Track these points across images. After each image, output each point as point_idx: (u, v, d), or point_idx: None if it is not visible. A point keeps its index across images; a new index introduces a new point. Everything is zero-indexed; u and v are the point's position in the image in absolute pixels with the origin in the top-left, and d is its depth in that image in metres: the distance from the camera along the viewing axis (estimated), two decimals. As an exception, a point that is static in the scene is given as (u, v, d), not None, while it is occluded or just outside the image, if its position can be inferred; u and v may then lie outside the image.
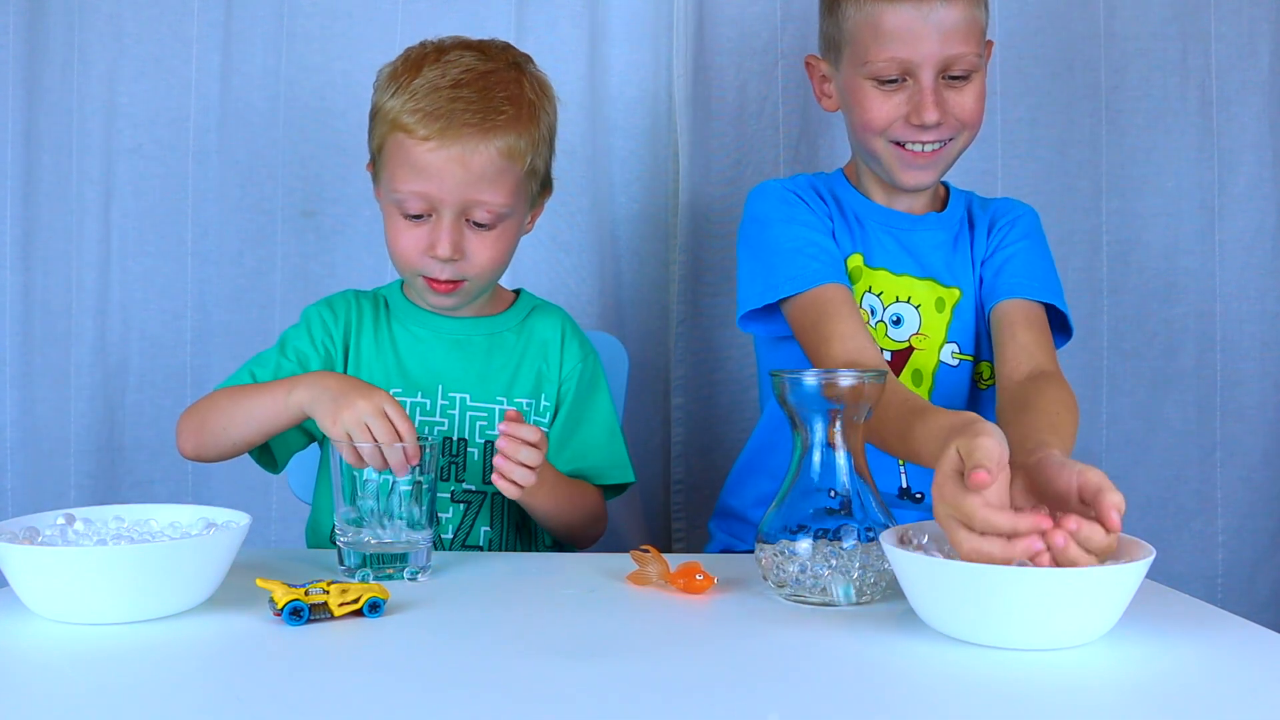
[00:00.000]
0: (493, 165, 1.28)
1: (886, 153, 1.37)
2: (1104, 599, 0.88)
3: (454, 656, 0.89)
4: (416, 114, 1.27)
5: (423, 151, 1.27)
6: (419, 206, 1.30)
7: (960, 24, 1.32)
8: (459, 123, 1.26)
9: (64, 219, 1.83)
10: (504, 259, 1.35)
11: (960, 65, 1.33)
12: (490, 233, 1.31)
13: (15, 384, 1.83)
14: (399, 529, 1.12)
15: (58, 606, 0.97)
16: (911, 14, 1.31)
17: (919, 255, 1.42)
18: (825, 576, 1.01)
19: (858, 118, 1.38)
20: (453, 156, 1.27)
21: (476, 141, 1.27)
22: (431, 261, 1.31)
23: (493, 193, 1.29)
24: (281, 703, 0.80)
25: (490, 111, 1.28)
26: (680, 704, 0.78)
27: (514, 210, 1.32)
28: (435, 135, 1.26)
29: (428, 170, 1.27)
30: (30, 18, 1.82)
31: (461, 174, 1.27)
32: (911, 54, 1.32)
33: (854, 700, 0.80)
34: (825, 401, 1.03)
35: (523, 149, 1.30)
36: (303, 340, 1.38)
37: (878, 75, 1.34)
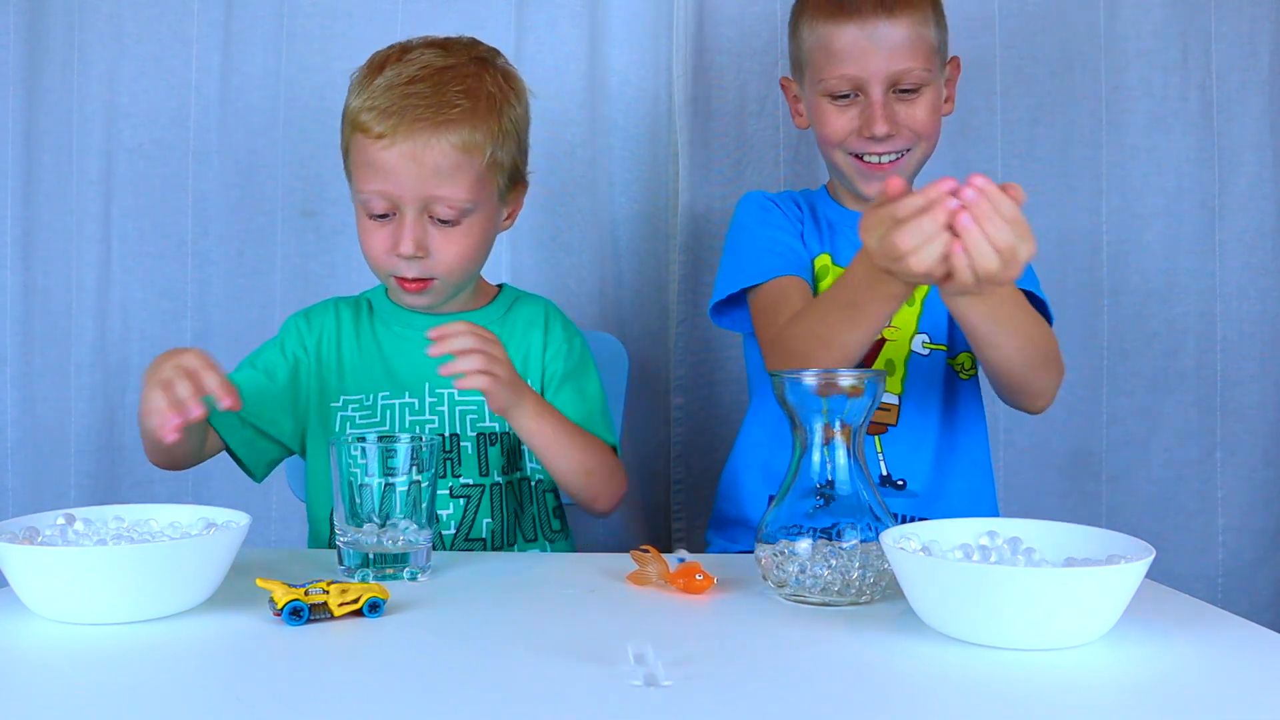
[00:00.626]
0: (448, 160, 1.28)
1: (846, 165, 1.46)
2: (1104, 599, 0.88)
3: (454, 656, 0.89)
4: (372, 112, 1.28)
5: (378, 150, 1.28)
6: (382, 205, 1.30)
7: (905, 41, 1.40)
8: (410, 118, 1.27)
9: (64, 219, 1.84)
10: (473, 254, 1.34)
11: (908, 79, 1.41)
12: (455, 229, 1.31)
13: (15, 384, 1.83)
14: (399, 529, 1.12)
15: (58, 606, 0.97)
16: (857, 33, 1.40)
17: None
18: (825, 576, 1.01)
19: (818, 132, 1.47)
20: (406, 153, 1.27)
21: (429, 136, 1.27)
22: (399, 260, 1.31)
23: (451, 188, 1.28)
24: (281, 703, 0.80)
25: (443, 106, 1.28)
26: (680, 704, 0.78)
27: (478, 205, 1.31)
28: (389, 132, 1.27)
29: (384, 168, 1.28)
30: (30, 18, 1.82)
31: (416, 170, 1.27)
32: (860, 71, 1.41)
33: (854, 700, 0.80)
34: (824, 400, 1.03)
35: (480, 142, 1.29)
36: (274, 350, 1.40)
37: (831, 91, 1.43)
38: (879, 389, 1.04)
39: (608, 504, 1.37)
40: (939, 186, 1.02)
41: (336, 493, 1.13)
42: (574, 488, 1.34)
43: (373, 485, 1.13)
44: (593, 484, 1.33)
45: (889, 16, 1.40)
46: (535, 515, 1.39)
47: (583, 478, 1.32)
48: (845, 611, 1.00)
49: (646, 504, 1.89)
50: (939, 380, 1.47)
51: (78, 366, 1.83)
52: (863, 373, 1.03)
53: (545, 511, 1.40)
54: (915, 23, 1.41)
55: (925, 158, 1.48)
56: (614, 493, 1.37)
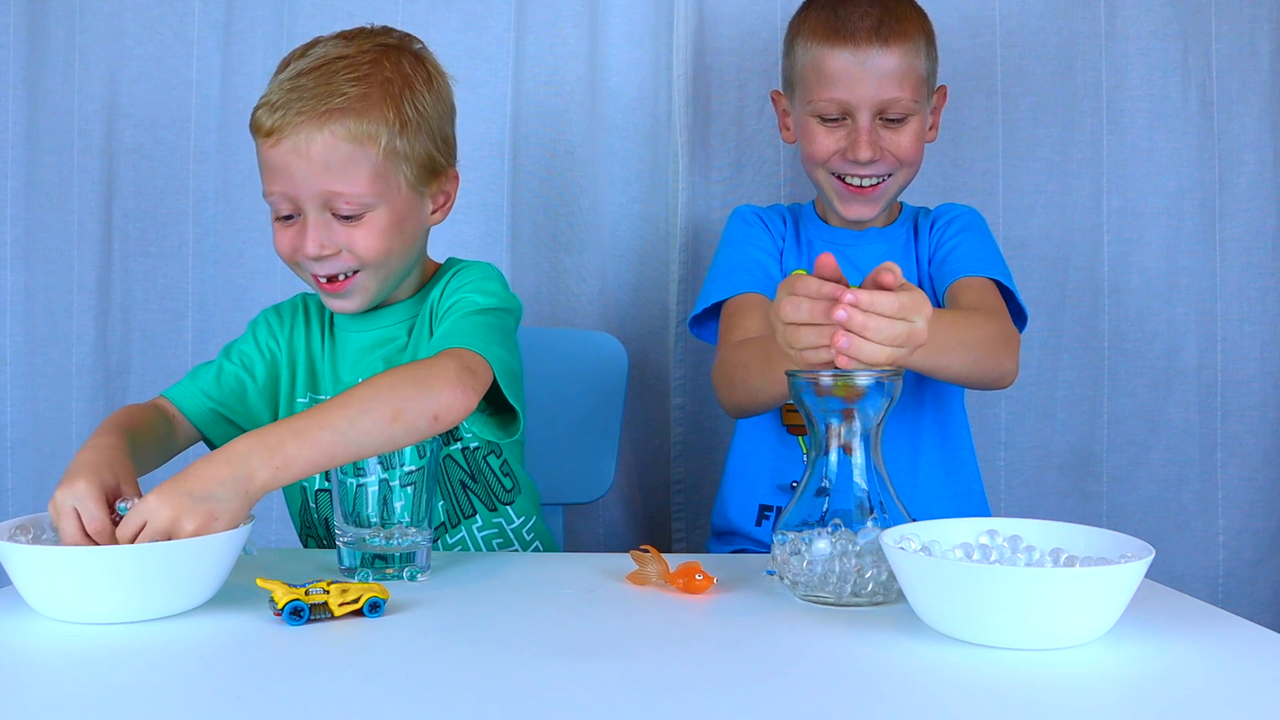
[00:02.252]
0: (336, 153, 1.22)
1: (828, 184, 1.50)
2: (1103, 599, 0.88)
3: (454, 656, 0.89)
4: (263, 109, 1.24)
5: (268, 148, 1.23)
6: (286, 206, 1.25)
7: (895, 70, 1.43)
8: (294, 112, 1.21)
9: (64, 219, 1.84)
10: (389, 248, 1.27)
11: (896, 109, 1.45)
12: (359, 224, 1.25)
13: (17, 383, 1.83)
14: (399, 529, 1.12)
15: (59, 606, 0.97)
16: (850, 60, 1.43)
17: (861, 266, 1.51)
18: (841, 576, 1.01)
19: (804, 149, 1.51)
20: (291, 149, 1.22)
21: (312, 130, 1.21)
22: (310, 260, 1.26)
23: (346, 182, 1.23)
24: (281, 703, 0.80)
25: (326, 96, 1.22)
26: (680, 704, 0.78)
27: (381, 198, 1.25)
28: (275, 129, 1.22)
29: (276, 167, 1.24)
30: (31, 18, 1.82)
31: (304, 165, 1.22)
32: (849, 96, 1.44)
33: (854, 700, 0.80)
34: (838, 401, 1.03)
35: (372, 132, 1.23)
36: (248, 343, 1.38)
37: (821, 113, 1.46)
38: (896, 389, 1.04)
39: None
40: (825, 288, 1.01)
41: (335, 493, 1.13)
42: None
43: (372, 485, 1.13)
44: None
45: (883, 45, 1.42)
46: (487, 483, 1.36)
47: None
48: (846, 611, 1.00)
49: (646, 504, 1.89)
50: (907, 382, 1.48)
51: (78, 366, 1.83)
52: (880, 373, 1.03)
53: (494, 475, 1.37)
54: (907, 53, 1.44)
55: (906, 183, 1.51)
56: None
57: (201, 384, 1.35)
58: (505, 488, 1.39)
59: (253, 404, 1.37)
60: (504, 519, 1.38)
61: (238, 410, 1.35)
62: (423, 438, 1.12)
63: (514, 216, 1.84)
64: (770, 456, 1.53)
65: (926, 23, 1.50)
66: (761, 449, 1.54)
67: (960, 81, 1.82)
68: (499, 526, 1.38)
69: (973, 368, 1.29)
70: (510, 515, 1.39)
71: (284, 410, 1.38)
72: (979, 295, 1.42)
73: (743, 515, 1.54)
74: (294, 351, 1.38)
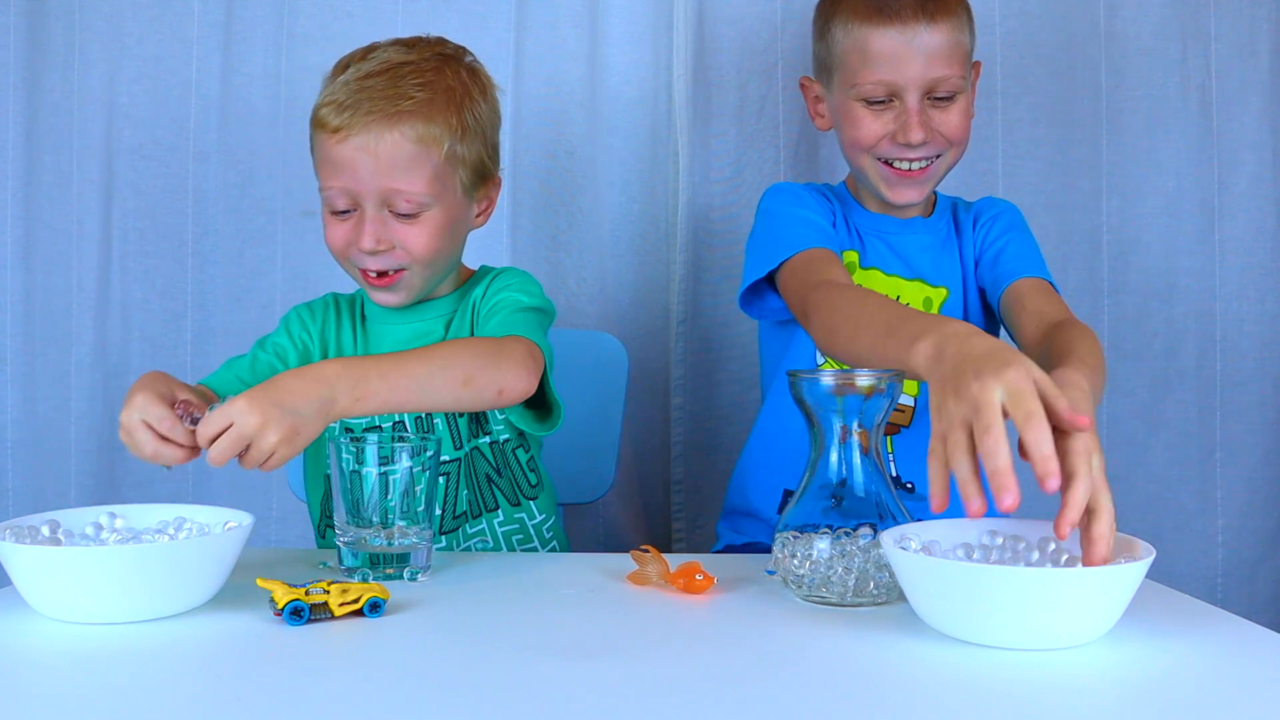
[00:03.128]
0: (403, 152, 1.27)
1: (874, 170, 1.44)
2: (1104, 599, 0.88)
3: (454, 656, 0.89)
4: (330, 107, 1.28)
5: (334, 144, 1.28)
6: (343, 201, 1.30)
7: (944, 47, 1.38)
8: (364, 111, 1.26)
9: (64, 219, 1.84)
10: (440, 247, 1.32)
11: (945, 87, 1.40)
12: (415, 222, 1.30)
13: (16, 384, 1.83)
14: (399, 529, 1.12)
15: (59, 606, 0.97)
16: (897, 39, 1.38)
17: (907, 257, 1.48)
18: (842, 576, 1.01)
19: (848, 136, 1.45)
20: (360, 146, 1.26)
21: (382, 129, 1.26)
22: (362, 255, 1.30)
23: (408, 181, 1.28)
24: (281, 703, 0.80)
25: (397, 98, 1.27)
26: (680, 704, 0.78)
27: (437, 199, 1.30)
28: (344, 126, 1.27)
29: (341, 163, 1.28)
30: (30, 18, 1.82)
31: (371, 163, 1.27)
32: (897, 77, 1.38)
33: (854, 700, 0.80)
34: (841, 400, 1.03)
35: (437, 135, 1.28)
36: (281, 336, 1.41)
37: (866, 97, 1.41)
38: (897, 390, 1.04)
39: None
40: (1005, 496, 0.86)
41: (336, 492, 1.13)
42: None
43: (372, 485, 1.13)
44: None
45: (929, 22, 1.38)
46: (513, 477, 1.38)
47: None
48: (846, 612, 1.00)
49: (646, 504, 1.89)
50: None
51: (78, 366, 1.83)
52: (881, 374, 1.03)
53: (521, 469, 1.39)
54: (954, 28, 1.39)
55: (954, 163, 1.46)
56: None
57: (236, 371, 1.36)
58: (530, 483, 1.40)
59: None
60: (526, 514, 1.39)
61: None
62: (485, 408, 1.22)
63: (514, 216, 1.84)
64: (800, 438, 1.48)
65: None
66: (791, 430, 1.47)
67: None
68: (520, 522, 1.39)
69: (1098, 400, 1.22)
70: (533, 511, 1.40)
71: None
72: (1045, 301, 1.38)
73: (765, 497, 1.50)
74: (325, 344, 1.41)
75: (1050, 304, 1.38)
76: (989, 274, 1.45)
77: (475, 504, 1.37)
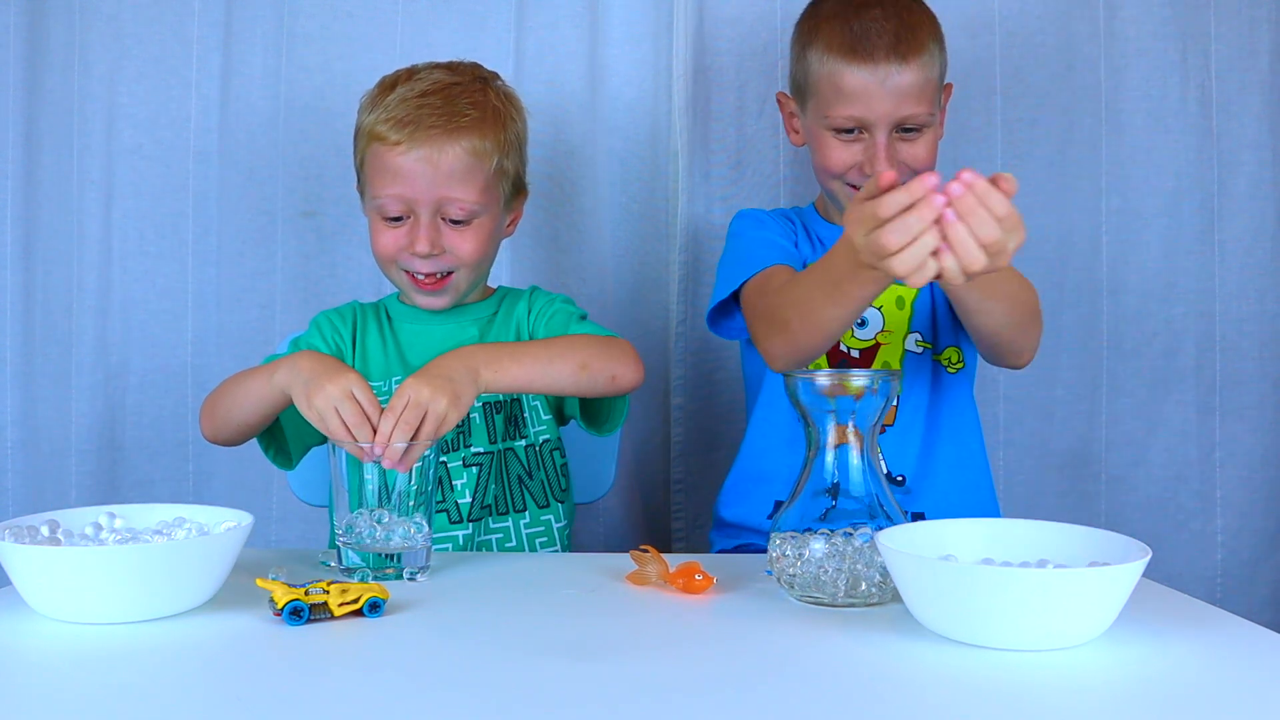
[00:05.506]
0: (461, 164, 1.38)
1: (843, 193, 1.48)
2: (1101, 599, 0.88)
3: (454, 656, 0.89)
4: (389, 123, 1.38)
5: (395, 156, 1.37)
6: (398, 208, 1.39)
7: (914, 86, 1.42)
8: (426, 125, 1.37)
9: (64, 219, 1.84)
10: (485, 251, 1.43)
11: (913, 122, 1.44)
12: (466, 228, 1.40)
13: (16, 384, 1.83)
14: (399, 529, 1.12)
15: (59, 606, 0.97)
16: (867, 78, 1.41)
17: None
18: (837, 576, 1.01)
19: (818, 161, 1.49)
20: (422, 157, 1.37)
21: (443, 142, 1.37)
22: (413, 258, 1.39)
23: (463, 189, 1.38)
24: (281, 703, 0.80)
25: (455, 115, 1.38)
26: (680, 704, 0.78)
27: (486, 207, 1.41)
28: (406, 139, 1.37)
29: (401, 172, 1.38)
30: (31, 18, 1.82)
31: (432, 173, 1.37)
32: (866, 113, 1.42)
33: (852, 700, 0.80)
34: (835, 400, 1.04)
35: (489, 150, 1.40)
36: (314, 338, 1.47)
37: (836, 127, 1.45)
38: (892, 389, 1.04)
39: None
40: (924, 182, 0.98)
41: (337, 492, 1.13)
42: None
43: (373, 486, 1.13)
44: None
45: (900, 62, 1.41)
46: (544, 479, 1.44)
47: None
48: (845, 612, 1.01)
49: (646, 504, 1.89)
50: (926, 377, 1.50)
51: (78, 367, 1.83)
52: (876, 373, 1.03)
53: (554, 471, 1.45)
54: (923, 66, 1.42)
55: None
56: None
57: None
58: (561, 486, 1.45)
59: None
60: (554, 515, 1.44)
61: None
62: (600, 394, 1.35)
63: (514, 216, 1.84)
64: (788, 451, 1.50)
65: (936, 25, 1.48)
66: (779, 445, 1.51)
67: (960, 81, 1.82)
68: (546, 524, 1.43)
69: (1008, 329, 1.29)
70: (560, 513, 1.45)
71: None
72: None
73: (756, 511, 1.53)
74: (356, 347, 1.47)
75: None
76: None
77: (502, 501, 1.41)
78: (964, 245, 0.98)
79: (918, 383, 1.49)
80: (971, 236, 0.98)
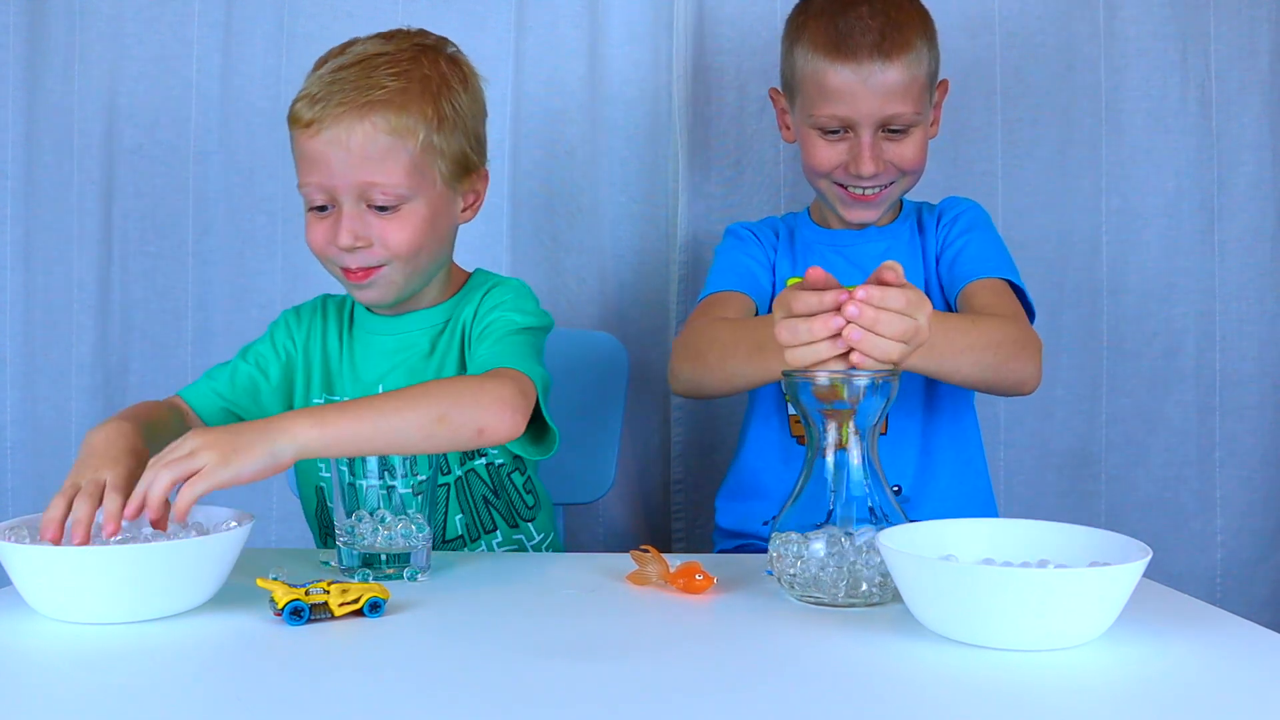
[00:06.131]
0: (376, 144, 1.24)
1: (830, 191, 1.49)
2: (1101, 599, 0.88)
3: (454, 656, 0.89)
4: (301, 102, 1.26)
5: (307, 139, 1.25)
6: (320, 197, 1.27)
7: (898, 85, 1.41)
8: (335, 103, 1.24)
9: (64, 219, 1.84)
10: (421, 242, 1.28)
11: (898, 122, 1.43)
12: (395, 216, 1.26)
13: (16, 384, 1.83)
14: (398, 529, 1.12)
15: (59, 606, 0.97)
16: (851, 77, 1.40)
17: (863, 266, 1.51)
18: (837, 577, 1.01)
19: (805, 159, 1.49)
20: (332, 139, 1.24)
21: (352, 120, 1.23)
22: (340, 252, 1.27)
23: (383, 173, 1.24)
24: (281, 703, 0.80)
25: (367, 89, 1.24)
26: (680, 704, 0.78)
27: (416, 191, 1.27)
28: (315, 119, 1.24)
29: (314, 157, 1.25)
30: (31, 18, 1.82)
31: (344, 156, 1.24)
32: (851, 112, 1.42)
33: (852, 701, 0.80)
34: (836, 402, 1.03)
35: (412, 126, 1.25)
36: (264, 344, 1.39)
37: (821, 126, 1.45)
38: (892, 389, 1.04)
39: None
40: (835, 296, 1.00)
41: (336, 493, 1.13)
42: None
43: (372, 486, 1.13)
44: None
45: (884, 60, 1.40)
46: (510, 500, 1.37)
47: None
48: (845, 612, 1.01)
49: (646, 504, 1.89)
50: (919, 385, 1.48)
51: (78, 366, 1.83)
52: (875, 373, 1.03)
53: (518, 492, 1.38)
54: (909, 64, 1.41)
55: (910, 187, 1.51)
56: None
57: (215, 384, 1.36)
58: (528, 505, 1.39)
59: (266, 404, 1.37)
60: (524, 535, 1.39)
61: (250, 409, 1.36)
62: (465, 447, 1.14)
63: (514, 216, 1.84)
64: (782, 467, 1.52)
65: (928, 22, 1.47)
66: (773, 463, 1.53)
67: (960, 81, 1.82)
68: (519, 543, 1.39)
69: (986, 373, 1.28)
70: (531, 532, 1.39)
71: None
72: (993, 298, 1.40)
73: (753, 519, 1.53)
74: (310, 352, 1.39)
75: (999, 302, 1.40)
76: (948, 274, 1.48)
77: (473, 527, 1.36)
78: (877, 348, 1.00)
79: (910, 391, 1.48)
80: (880, 339, 1.00)
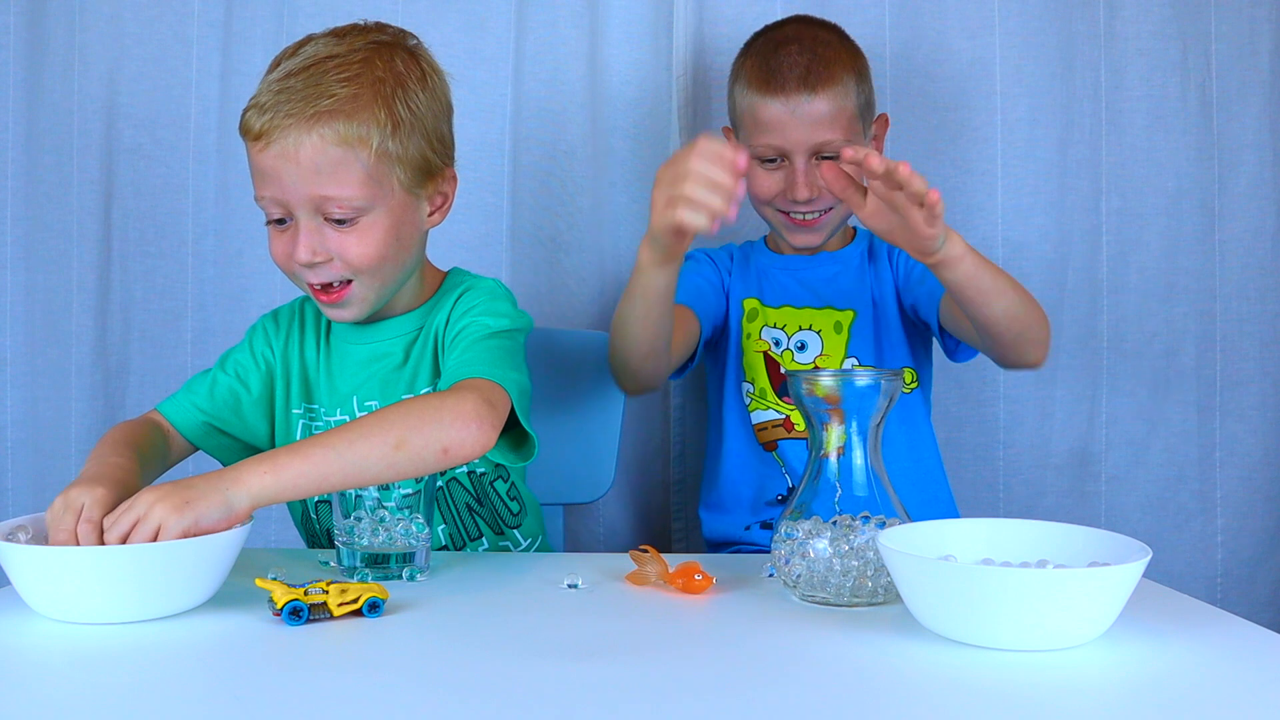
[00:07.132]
0: (326, 157, 1.18)
1: (775, 218, 1.57)
2: (1101, 600, 0.88)
3: (454, 656, 0.89)
4: (250, 111, 1.20)
5: (257, 152, 1.20)
6: (277, 211, 1.22)
7: (827, 115, 1.50)
8: (281, 115, 1.17)
9: (64, 219, 1.84)
10: (383, 254, 1.23)
11: (830, 149, 1.49)
12: (353, 229, 1.21)
13: (16, 384, 1.83)
14: (398, 529, 1.12)
15: (59, 606, 0.97)
16: (780, 109, 1.50)
17: (815, 289, 1.61)
18: (840, 576, 1.01)
19: (749, 189, 1.54)
20: (280, 153, 1.18)
21: (300, 133, 1.17)
22: (302, 269, 1.23)
23: (336, 186, 1.19)
24: (281, 703, 0.80)
25: (315, 98, 1.18)
26: (679, 704, 0.78)
27: (375, 201, 1.21)
28: (264, 133, 1.18)
29: (265, 172, 1.20)
30: (30, 18, 1.82)
31: (294, 170, 1.18)
32: (783, 141, 1.51)
33: (852, 701, 0.80)
34: (837, 402, 1.04)
35: (363, 135, 1.19)
36: (244, 353, 1.37)
37: (760, 156, 1.53)
38: (895, 387, 1.04)
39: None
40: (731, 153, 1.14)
41: (335, 495, 1.13)
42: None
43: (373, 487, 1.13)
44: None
45: (810, 92, 1.48)
46: (493, 507, 1.36)
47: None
48: (844, 612, 1.01)
49: (646, 504, 1.89)
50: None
51: (78, 366, 1.83)
52: (877, 372, 1.03)
53: (501, 499, 1.36)
54: (836, 96, 1.50)
55: (850, 214, 1.57)
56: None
57: (195, 397, 1.34)
58: (512, 511, 1.38)
59: (247, 415, 1.35)
60: (510, 542, 1.38)
61: (231, 422, 1.34)
62: (431, 470, 1.10)
63: (514, 216, 1.84)
64: (754, 475, 1.58)
65: (858, 59, 1.55)
66: (747, 473, 1.59)
67: (960, 81, 1.82)
68: (505, 550, 1.38)
69: (1014, 322, 1.30)
70: (517, 538, 1.39)
71: (280, 421, 1.37)
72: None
73: (738, 529, 1.58)
74: (288, 361, 1.36)
75: None
76: (918, 290, 1.53)
77: (458, 536, 1.35)
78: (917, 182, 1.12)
79: None
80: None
